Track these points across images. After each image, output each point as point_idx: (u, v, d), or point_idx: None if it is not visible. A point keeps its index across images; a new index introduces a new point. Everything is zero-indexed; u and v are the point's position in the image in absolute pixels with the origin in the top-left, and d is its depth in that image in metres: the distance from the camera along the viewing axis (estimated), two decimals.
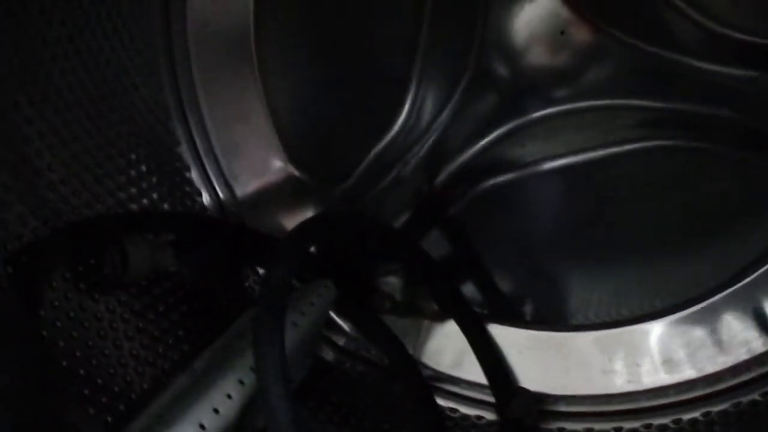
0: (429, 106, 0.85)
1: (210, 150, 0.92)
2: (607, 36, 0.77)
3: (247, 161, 0.92)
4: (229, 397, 0.66)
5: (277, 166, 0.90)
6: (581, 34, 0.77)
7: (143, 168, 0.85)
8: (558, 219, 0.86)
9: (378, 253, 0.86)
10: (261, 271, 0.89)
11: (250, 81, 0.89)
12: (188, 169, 0.92)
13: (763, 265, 0.73)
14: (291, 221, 0.78)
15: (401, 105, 0.85)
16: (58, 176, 0.74)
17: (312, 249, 0.86)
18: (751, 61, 0.73)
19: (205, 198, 0.92)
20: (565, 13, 0.77)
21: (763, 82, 0.74)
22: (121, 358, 0.74)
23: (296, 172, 0.90)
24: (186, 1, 0.87)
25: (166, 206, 0.86)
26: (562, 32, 0.77)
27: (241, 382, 0.67)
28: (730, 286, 0.75)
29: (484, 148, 0.83)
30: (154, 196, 0.85)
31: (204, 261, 0.81)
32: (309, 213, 0.89)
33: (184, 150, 0.91)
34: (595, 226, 0.85)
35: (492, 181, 0.85)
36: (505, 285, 0.89)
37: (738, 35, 0.73)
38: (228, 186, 0.92)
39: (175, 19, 0.88)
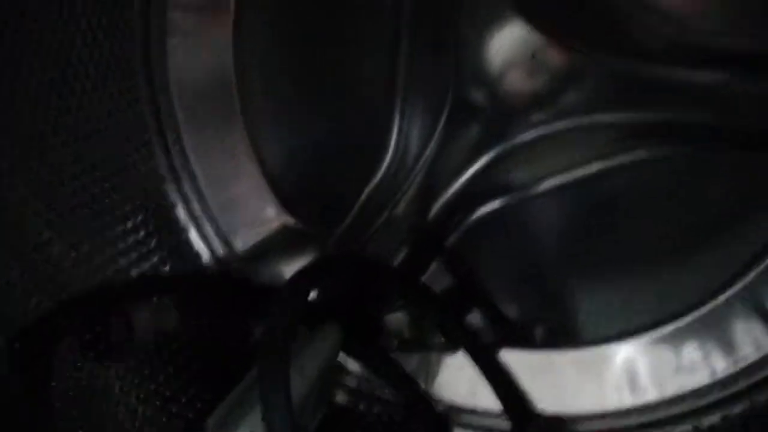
0: (413, 143, 0.86)
1: (206, 210, 0.93)
2: (577, 54, 0.77)
3: (244, 217, 0.93)
4: None
5: (273, 217, 0.91)
6: (552, 56, 0.78)
7: (141, 233, 0.86)
8: (556, 238, 0.86)
9: (380, 293, 0.87)
10: None
11: (238, 138, 0.91)
12: (186, 231, 0.93)
13: None
14: (293, 270, 0.79)
15: (386, 145, 0.86)
16: (58, 249, 0.76)
17: (313, 295, 0.87)
18: (721, 64, 0.74)
19: (206, 257, 0.93)
20: (533, 36, 0.78)
21: (735, 84, 0.74)
22: (136, 422, 0.75)
23: (292, 222, 0.91)
24: (168, 74, 0.90)
25: (167, 269, 0.87)
26: (533, 56, 0.78)
27: None
28: (736, 282, 0.75)
29: (472, 178, 0.84)
30: (155, 259, 0.86)
31: (209, 319, 0.82)
32: (310, 260, 0.90)
33: (181, 212, 0.93)
34: (593, 240, 0.85)
35: (484, 210, 0.86)
36: (511, 310, 0.89)
37: (706, 40, 0.74)
38: (227, 243, 0.93)
39: (159, 90, 0.91)
